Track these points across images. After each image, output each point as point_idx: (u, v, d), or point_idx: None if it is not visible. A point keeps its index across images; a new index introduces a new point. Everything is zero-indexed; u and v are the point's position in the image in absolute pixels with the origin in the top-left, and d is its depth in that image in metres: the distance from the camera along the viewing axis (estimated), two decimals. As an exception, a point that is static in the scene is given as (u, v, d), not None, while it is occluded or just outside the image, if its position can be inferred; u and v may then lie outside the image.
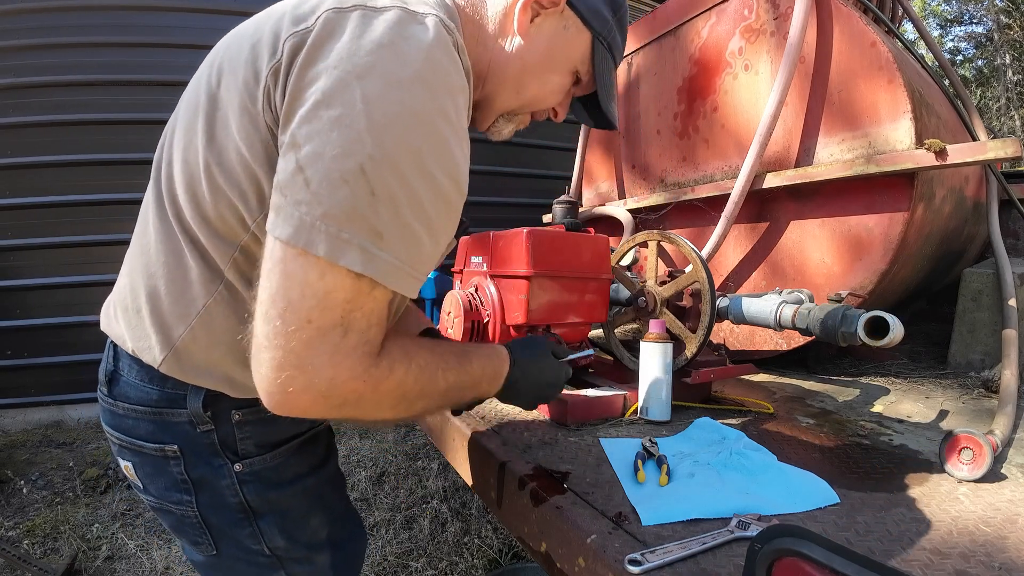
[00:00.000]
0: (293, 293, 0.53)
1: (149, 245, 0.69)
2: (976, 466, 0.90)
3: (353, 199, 0.53)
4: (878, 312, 1.07)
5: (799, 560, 0.44)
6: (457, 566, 2.02)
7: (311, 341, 0.53)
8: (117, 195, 3.59)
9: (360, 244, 0.53)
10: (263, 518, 0.74)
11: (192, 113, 0.67)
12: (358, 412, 0.61)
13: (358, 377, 0.57)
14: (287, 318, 0.53)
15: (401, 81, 0.54)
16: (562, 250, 1.27)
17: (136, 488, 0.76)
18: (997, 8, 15.68)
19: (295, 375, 0.53)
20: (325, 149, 0.53)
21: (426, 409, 0.71)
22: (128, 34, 3.63)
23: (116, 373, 0.72)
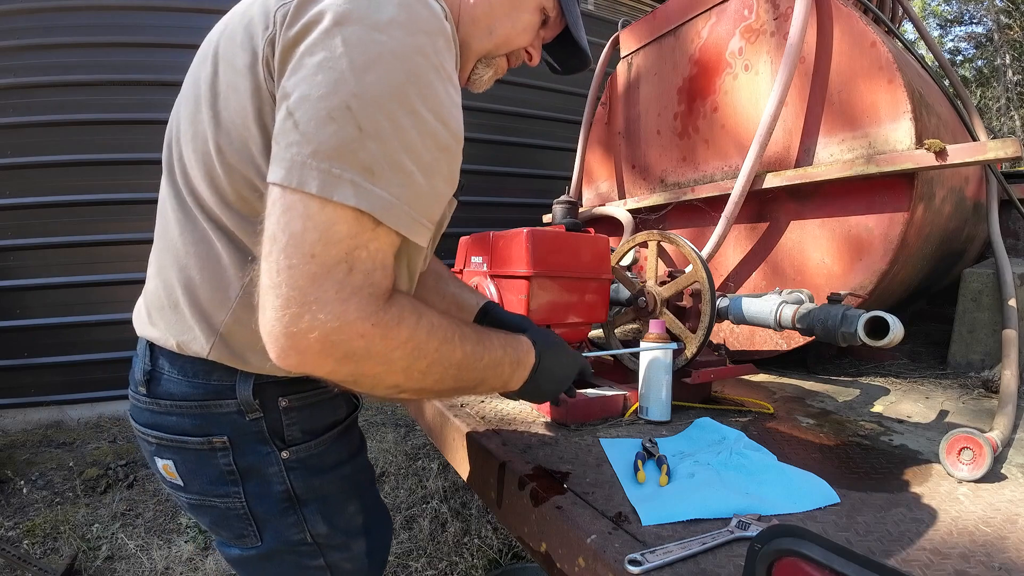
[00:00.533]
0: (294, 228, 0.53)
1: (174, 241, 0.70)
2: (976, 466, 0.90)
3: (341, 134, 0.53)
4: (878, 312, 1.07)
5: (799, 560, 0.44)
6: (457, 566, 2.02)
7: (316, 276, 0.53)
8: (117, 195, 3.59)
9: (351, 179, 0.53)
10: (307, 505, 0.75)
11: (194, 105, 0.68)
12: (368, 367, 0.58)
13: (366, 318, 0.55)
14: (290, 254, 0.53)
15: (378, 24, 0.56)
16: (562, 250, 1.27)
17: (173, 488, 0.75)
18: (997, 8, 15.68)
19: (301, 312, 0.52)
20: (311, 91, 0.54)
21: (441, 382, 0.66)
22: (128, 34, 3.63)
23: (155, 372, 0.71)
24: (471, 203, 4.63)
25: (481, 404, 1.34)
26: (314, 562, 0.77)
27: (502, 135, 4.74)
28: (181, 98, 0.72)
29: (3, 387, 3.50)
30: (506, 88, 4.73)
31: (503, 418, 1.23)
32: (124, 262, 3.61)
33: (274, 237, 0.54)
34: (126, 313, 3.48)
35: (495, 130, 4.70)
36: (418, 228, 0.60)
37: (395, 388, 0.63)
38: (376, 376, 0.60)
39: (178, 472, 0.73)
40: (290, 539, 0.75)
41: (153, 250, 0.75)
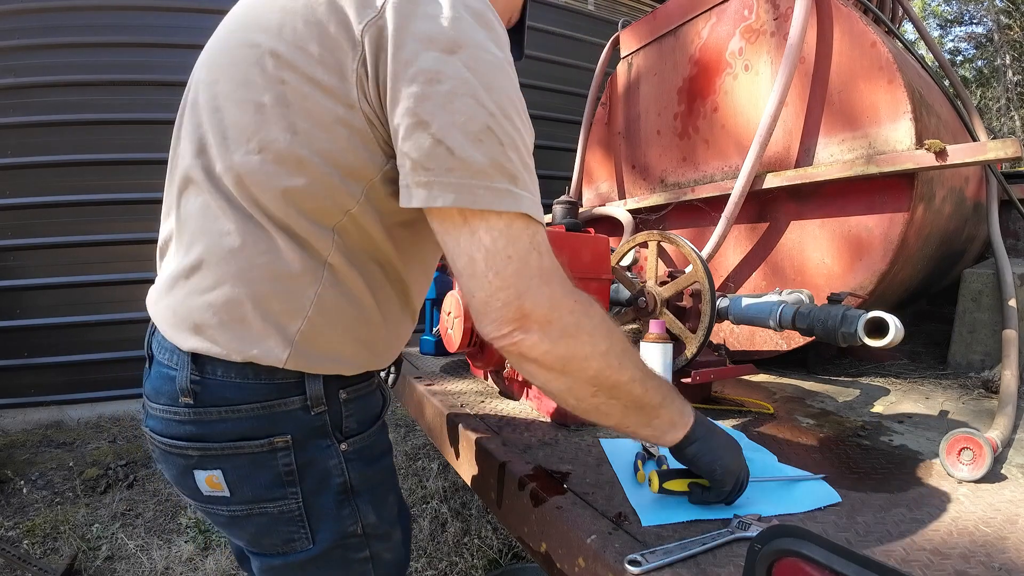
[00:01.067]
0: (485, 242, 0.60)
1: (234, 254, 0.66)
2: (976, 466, 0.90)
3: (491, 152, 0.59)
4: (878, 313, 1.07)
5: (799, 560, 0.45)
6: (457, 566, 2.02)
7: (519, 270, 0.60)
8: (117, 195, 3.59)
9: (507, 188, 0.60)
10: (360, 496, 0.75)
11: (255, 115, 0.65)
12: (578, 346, 0.63)
13: (569, 294, 0.63)
14: (491, 264, 0.60)
15: (481, 43, 0.61)
16: (562, 250, 1.26)
17: (211, 502, 0.72)
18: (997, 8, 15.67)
19: (517, 303, 0.60)
20: (454, 118, 0.58)
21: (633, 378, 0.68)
22: (128, 34, 3.63)
23: (206, 380, 0.68)
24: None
25: (481, 404, 1.34)
26: (359, 554, 0.77)
27: (502, 135, 4.74)
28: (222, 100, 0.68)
29: (3, 387, 3.50)
30: (506, 88, 4.73)
31: (503, 418, 1.23)
32: (124, 262, 3.61)
33: (471, 256, 0.60)
34: (126, 313, 3.51)
35: (495, 130, 4.69)
36: (541, 211, 0.66)
37: (593, 381, 0.66)
38: (583, 359, 0.64)
39: (225, 482, 0.69)
40: (344, 531, 0.74)
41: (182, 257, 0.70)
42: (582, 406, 0.68)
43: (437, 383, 1.56)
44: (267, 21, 0.66)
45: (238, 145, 0.65)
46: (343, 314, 0.69)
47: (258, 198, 0.65)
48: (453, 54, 0.59)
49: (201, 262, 0.67)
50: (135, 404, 3.65)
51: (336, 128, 0.63)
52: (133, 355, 3.65)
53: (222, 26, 0.74)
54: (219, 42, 0.72)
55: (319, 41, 0.62)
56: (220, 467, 0.69)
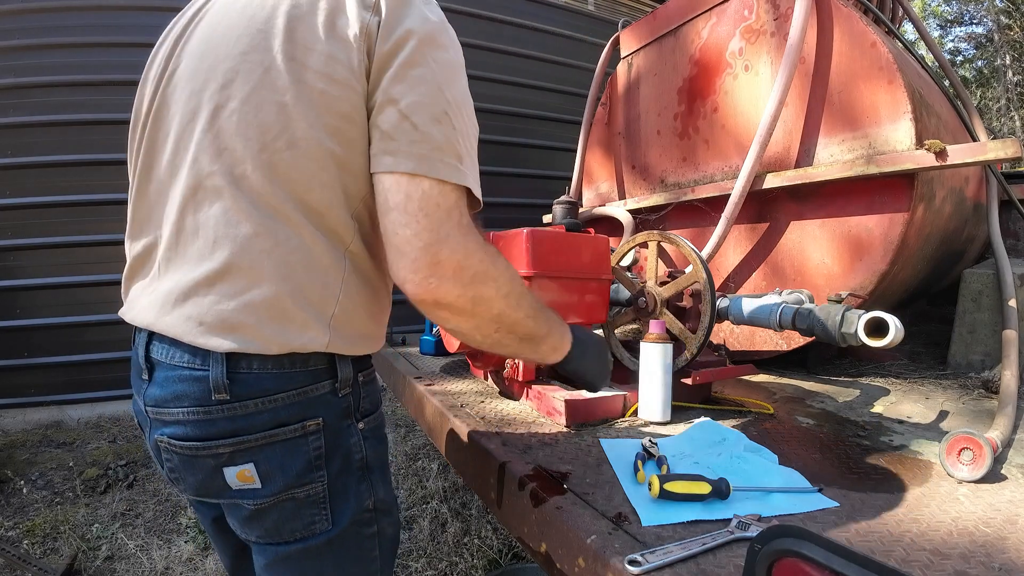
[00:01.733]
0: (423, 187, 0.69)
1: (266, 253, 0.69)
2: (976, 467, 0.90)
3: (446, 133, 0.70)
4: (878, 313, 1.07)
5: (799, 561, 0.44)
6: (457, 566, 2.02)
7: (444, 218, 0.69)
8: (117, 195, 3.59)
9: (455, 164, 0.71)
10: (373, 472, 0.82)
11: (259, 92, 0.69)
12: (485, 289, 0.74)
13: (481, 247, 0.73)
14: (423, 205, 0.68)
15: (446, 44, 0.74)
16: (562, 250, 1.27)
17: (241, 495, 0.74)
18: (997, 9, 15.67)
19: (439, 247, 0.68)
20: (421, 99, 0.69)
21: (527, 319, 0.82)
22: (128, 34, 3.63)
23: (236, 374, 0.70)
24: (471, 203, 4.63)
25: (481, 404, 1.34)
26: (369, 530, 0.81)
27: (502, 135, 4.74)
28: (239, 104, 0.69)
29: (3, 387, 3.50)
30: (506, 88, 4.73)
31: (503, 419, 1.23)
32: (124, 262, 3.60)
33: (408, 194, 0.68)
34: (126, 313, 3.40)
35: (495, 130, 4.70)
36: (479, 191, 0.76)
37: (497, 320, 0.78)
38: (488, 300, 0.75)
39: (258, 473, 0.72)
40: (361, 507, 0.79)
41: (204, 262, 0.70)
42: (487, 341, 0.81)
43: (437, 383, 1.56)
44: (271, 26, 0.70)
45: (266, 144, 0.69)
46: (363, 295, 0.77)
47: (292, 192, 0.70)
48: (428, 48, 0.71)
49: (230, 267, 0.69)
50: (135, 404, 3.65)
51: (354, 117, 0.71)
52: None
53: (203, 33, 0.75)
54: (211, 50, 0.72)
55: (328, 41, 0.70)
56: (253, 459, 0.71)
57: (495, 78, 4.67)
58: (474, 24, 4.56)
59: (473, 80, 2.40)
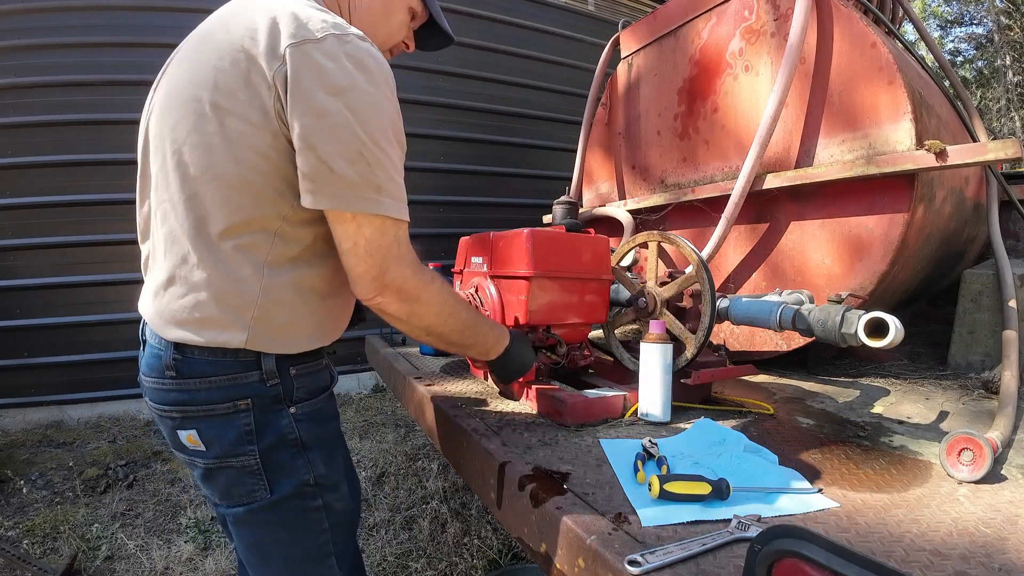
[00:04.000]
0: (365, 234, 0.83)
1: (193, 268, 0.85)
2: (976, 467, 0.90)
3: (361, 171, 0.81)
4: (878, 313, 1.07)
5: (799, 561, 0.44)
6: (457, 567, 2.02)
7: (386, 255, 0.85)
8: (117, 195, 3.58)
9: (373, 197, 0.82)
10: (311, 450, 0.93)
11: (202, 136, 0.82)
12: (418, 306, 0.92)
13: (417, 275, 0.90)
14: (368, 249, 0.84)
15: (356, 86, 0.81)
16: (562, 251, 1.27)
17: (193, 455, 0.90)
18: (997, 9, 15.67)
19: (381, 277, 0.86)
20: (334, 146, 0.79)
21: (455, 332, 1.01)
22: (128, 34, 3.63)
23: (184, 359, 0.86)
24: (471, 203, 4.63)
25: (481, 405, 1.34)
26: (313, 503, 0.93)
27: (502, 135, 4.74)
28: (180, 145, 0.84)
29: (3, 387, 3.50)
30: (506, 88, 4.73)
31: (503, 419, 1.23)
32: (123, 262, 3.61)
33: (355, 242, 0.83)
34: (126, 313, 3.52)
35: (495, 130, 4.70)
36: (405, 211, 0.88)
37: (426, 329, 0.97)
38: (421, 315, 0.94)
39: (201, 439, 0.88)
40: (299, 479, 0.91)
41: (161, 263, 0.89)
42: (422, 340, 1.01)
43: (437, 383, 1.56)
44: (204, 79, 0.83)
45: (196, 178, 0.83)
46: (286, 299, 0.88)
47: (215, 216, 0.83)
48: (335, 96, 0.79)
49: (173, 277, 0.86)
50: (135, 404, 3.65)
51: (269, 153, 0.82)
52: (133, 355, 3.63)
53: (167, 81, 0.90)
54: (169, 97, 0.88)
55: (245, 89, 0.80)
56: (196, 427, 0.88)
57: (495, 78, 4.67)
58: (474, 24, 4.56)
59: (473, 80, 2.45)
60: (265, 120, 0.81)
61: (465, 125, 4.58)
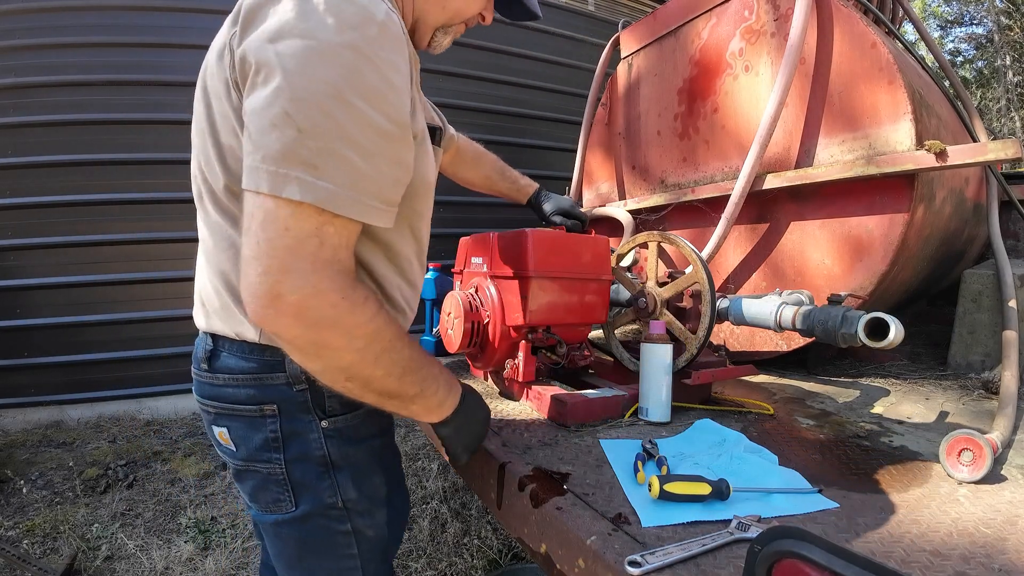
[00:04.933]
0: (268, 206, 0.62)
1: (209, 246, 0.81)
2: (976, 468, 0.90)
3: (283, 138, 0.61)
4: (878, 313, 1.07)
5: (799, 562, 0.44)
6: (457, 567, 2.02)
7: (292, 247, 0.61)
8: (117, 195, 3.59)
9: (297, 176, 0.61)
10: (340, 471, 0.84)
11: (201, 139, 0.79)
12: (332, 337, 0.65)
13: (338, 289, 0.64)
14: (267, 227, 0.61)
15: (306, 31, 0.62)
16: (562, 251, 1.27)
17: (226, 453, 0.86)
18: (997, 9, 15.67)
19: (281, 278, 0.61)
20: (257, 104, 0.62)
21: (388, 376, 0.72)
22: (128, 34, 3.63)
23: (216, 351, 0.82)
24: (471, 203, 4.63)
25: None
26: (341, 527, 0.85)
27: (502, 135, 4.74)
28: (193, 132, 0.83)
29: (3, 387, 3.50)
30: (506, 88, 4.73)
31: (503, 419, 1.23)
32: (124, 262, 3.61)
33: (252, 212, 0.63)
34: (126, 313, 3.52)
35: (495, 130, 4.70)
36: (369, 210, 0.67)
37: (345, 371, 0.69)
38: (335, 350, 0.66)
39: (231, 438, 0.83)
40: (323, 502, 0.83)
41: (199, 255, 0.88)
42: (336, 387, 0.71)
43: (437, 383, 1.56)
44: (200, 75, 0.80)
45: (200, 149, 0.80)
46: None
47: (217, 196, 0.78)
48: (272, 43, 0.62)
49: (202, 260, 0.84)
50: (135, 404, 3.65)
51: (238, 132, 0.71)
52: (133, 355, 3.65)
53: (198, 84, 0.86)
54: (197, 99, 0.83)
55: (217, 61, 0.73)
56: (227, 424, 0.83)
57: (495, 78, 4.67)
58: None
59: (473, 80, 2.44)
60: (226, 92, 0.71)
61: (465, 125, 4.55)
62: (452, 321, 1.30)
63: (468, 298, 1.29)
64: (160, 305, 3.66)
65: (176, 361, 3.69)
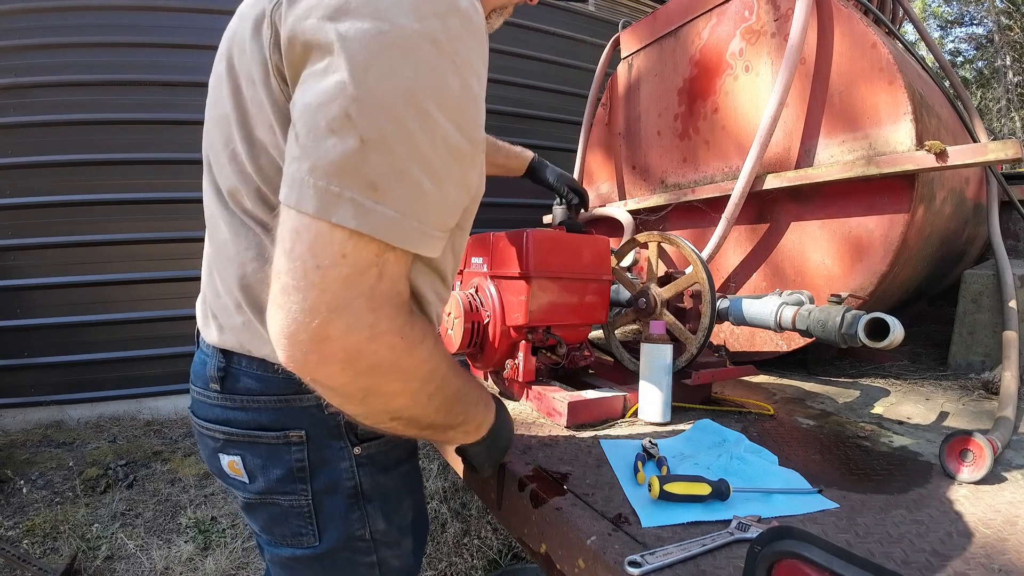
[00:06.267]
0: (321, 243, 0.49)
1: (232, 255, 0.68)
2: (976, 468, 0.90)
3: (340, 147, 0.48)
4: (878, 314, 1.07)
5: (799, 562, 0.44)
6: (457, 567, 2.02)
7: (349, 278, 0.49)
8: (117, 195, 3.59)
9: (351, 197, 0.48)
10: (371, 502, 0.75)
11: (226, 127, 0.67)
12: (386, 383, 0.56)
13: (397, 331, 0.53)
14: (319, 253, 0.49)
15: (378, 11, 0.49)
16: (562, 251, 1.27)
17: (235, 485, 0.75)
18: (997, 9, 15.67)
19: (331, 317, 0.49)
20: (311, 99, 0.49)
21: (437, 413, 0.65)
22: (128, 34, 3.63)
23: (231, 368, 0.70)
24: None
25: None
26: (366, 558, 0.77)
27: (502, 135, 4.74)
28: (210, 121, 0.71)
29: (3, 387, 3.50)
30: (506, 88, 4.73)
31: (503, 419, 1.23)
32: (124, 262, 3.61)
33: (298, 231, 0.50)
34: (126, 313, 3.51)
35: (495, 130, 4.66)
36: (427, 240, 0.55)
37: (393, 413, 0.60)
38: (388, 395, 0.57)
39: (244, 468, 0.72)
40: (352, 535, 0.74)
41: (209, 260, 0.76)
42: (377, 427, 0.63)
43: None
44: (223, 48, 0.69)
45: (220, 157, 0.69)
46: None
47: (245, 205, 0.67)
48: (332, 20, 0.49)
49: (214, 267, 0.72)
50: (135, 404, 3.65)
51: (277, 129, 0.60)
52: (133, 355, 3.65)
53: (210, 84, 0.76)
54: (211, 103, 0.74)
55: (252, 37, 0.60)
56: (240, 453, 0.72)
57: (495, 78, 4.67)
58: (474, 24, 4.55)
59: (473, 81, 2.30)
60: (264, 78, 0.58)
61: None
62: (452, 321, 1.30)
63: (468, 298, 1.29)
64: (160, 305, 3.66)
65: (176, 361, 3.69)
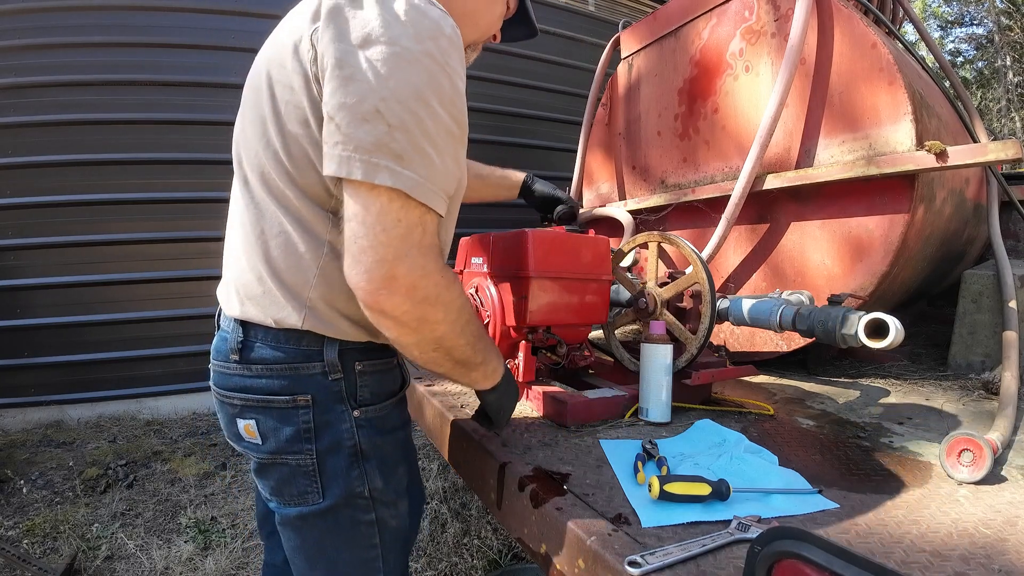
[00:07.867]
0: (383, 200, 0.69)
1: (258, 237, 0.83)
2: (976, 468, 0.90)
3: (374, 132, 0.68)
4: (878, 314, 1.07)
5: (799, 562, 0.45)
6: (457, 567, 2.02)
7: (405, 235, 0.70)
8: (117, 195, 3.59)
9: (387, 165, 0.69)
10: (369, 461, 0.86)
11: (261, 127, 0.81)
12: (433, 311, 0.75)
13: (439, 271, 0.74)
14: (382, 219, 0.69)
15: (392, 39, 0.70)
16: (563, 251, 1.27)
17: (249, 448, 0.87)
18: (998, 10, 15.67)
19: (396, 264, 0.70)
20: (347, 100, 0.69)
21: (468, 345, 0.83)
22: (128, 34, 3.63)
23: (248, 342, 0.84)
24: (471, 203, 4.63)
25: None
26: (366, 516, 0.87)
27: (502, 135, 4.74)
28: (245, 122, 0.86)
29: (3, 387, 3.50)
30: (506, 88, 4.73)
31: (503, 419, 1.23)
32: (124, 262, 3.61)
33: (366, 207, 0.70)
34: (126, 313, 3.51)
35: (495, 130, 4.70)
36: (438, 200, 0.75)
37: (437, 341, 0.79)
38: (434, 323, 0.76)
39: (258, 430, 0.84)
40: (352, 491, 0.85)
41: (234, 246, 0.89)
42: (423, 358, 0.81)
43: (437, 383, 1.56)
44: (266, 53, 0.83)
45: (254, 149, 0.82)
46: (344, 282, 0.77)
47: (275, 189, 0.81)
48: (361, 48, 0.70)
49: (240, 249, 0.86)
50: (135, 404, 3.65)
51: (309, 120, 0.76)
52: (133, 355, 3.65)
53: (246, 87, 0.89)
54: (248, 78, 0.88)
55: (292, 56, 0.76)
56: (255, 417, 0.84)
57: (495, 78, 4.67)
58: (474, 24, 4.55)
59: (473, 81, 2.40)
60: (305, 85, 0.75)
61: (465, 125, 4.58)
62: (452, 321, 1.30)
63: (468, 298, 1.29)
64: (160, 305, 3.67)
65: (176, 361, 3.69)
